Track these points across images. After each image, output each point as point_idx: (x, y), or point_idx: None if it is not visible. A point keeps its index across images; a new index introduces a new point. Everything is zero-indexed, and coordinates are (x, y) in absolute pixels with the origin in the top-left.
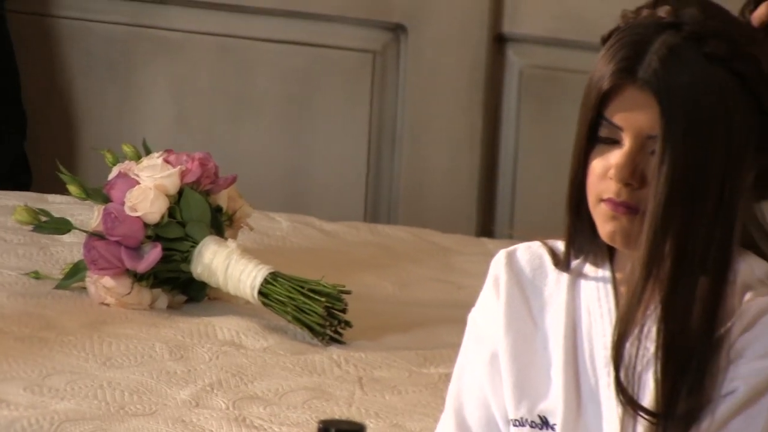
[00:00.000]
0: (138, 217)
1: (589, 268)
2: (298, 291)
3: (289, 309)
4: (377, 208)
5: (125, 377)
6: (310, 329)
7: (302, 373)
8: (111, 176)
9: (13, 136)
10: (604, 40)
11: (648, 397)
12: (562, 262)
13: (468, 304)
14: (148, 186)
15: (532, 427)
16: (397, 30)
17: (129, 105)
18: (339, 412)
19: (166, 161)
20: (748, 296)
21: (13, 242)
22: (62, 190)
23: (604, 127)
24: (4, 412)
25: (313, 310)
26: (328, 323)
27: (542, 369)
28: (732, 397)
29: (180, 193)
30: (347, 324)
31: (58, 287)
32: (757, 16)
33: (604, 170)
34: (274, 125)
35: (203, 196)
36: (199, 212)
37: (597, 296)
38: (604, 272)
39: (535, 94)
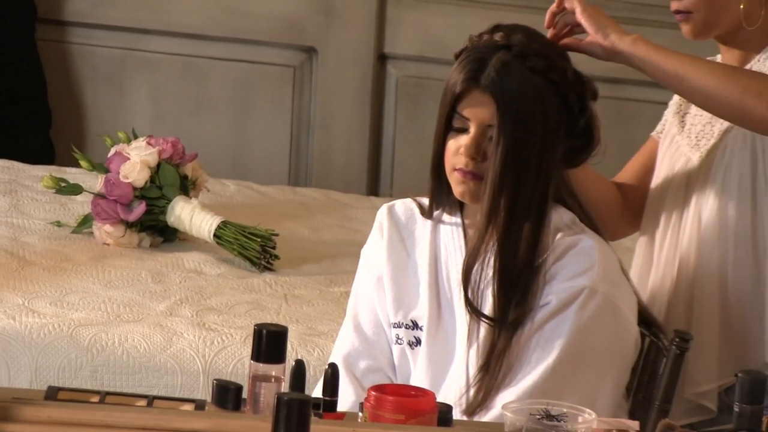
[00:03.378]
0: (129, 182)
1: (446, 217)
2: (241, 234)
3: (235, 246)
4: (297, 176)
5: (120, 295)
6: (250, 261)
7: (244, 291)
8: (110, 154)
9: (42, 126)
10: (457, 56)
11: (488, 307)
12: (427, 213)
13: (360, 243)
14: (136, 161)
15: (406, 328)
16: (310, 51)
17: (122, 104)
18: (270, 318)
19: (149, 143)
20: (558, 236)
21: (42, 200)
22: (76, 165)
23: (456, 118)
24: (36, 319)
25: (252, 247)
26: (262, 256)
27: (413, 287)
28: (547, 307)
29: (158, 165)
30: (276, 257)
31: (73, 232)
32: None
33: (457, 148)
34: (223, 119)
35: (174, 168)
36: (171, 179)
37: (452, 236)
38: (457, 219)
39: (407, 96)
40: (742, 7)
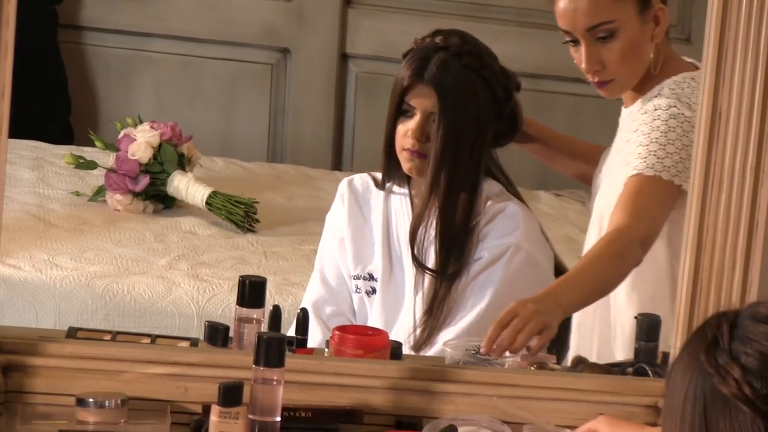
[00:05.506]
0: (135, 159)
1: (396, 188)
2: (228, 202)
3: (223, 212)
4: (274, 154)
5: (128, 252)
6: (235, 224)
7: (231, 249)
8: (120, 136)
9: (63, 113)
10: (404, 55)
11: (431, 262)
12: (380, 185)
13: (326, 209)
14: (141, 141)
15: (364, 279)
16: (285, 51)
17: (130, 95)
18: (252, 271)
19: (152, 127)
20: (489, 203)
21: (64, 174)
22: (92, 145)
23: (404, 107)
24: (59, 272)
25: (237, 213)
26: (246, 220)
27: (369, 246)
28: (480, 261)
29: (160, 145)
30: (257, 221)
31: (89, 200)
32: None
33: (405, 132)
34: (214, 107)
35: (173, 147)
36: (171, 156)
37: (401, 204)
38: (405, 190)
39: (365, 89)
40: (652, 55)
